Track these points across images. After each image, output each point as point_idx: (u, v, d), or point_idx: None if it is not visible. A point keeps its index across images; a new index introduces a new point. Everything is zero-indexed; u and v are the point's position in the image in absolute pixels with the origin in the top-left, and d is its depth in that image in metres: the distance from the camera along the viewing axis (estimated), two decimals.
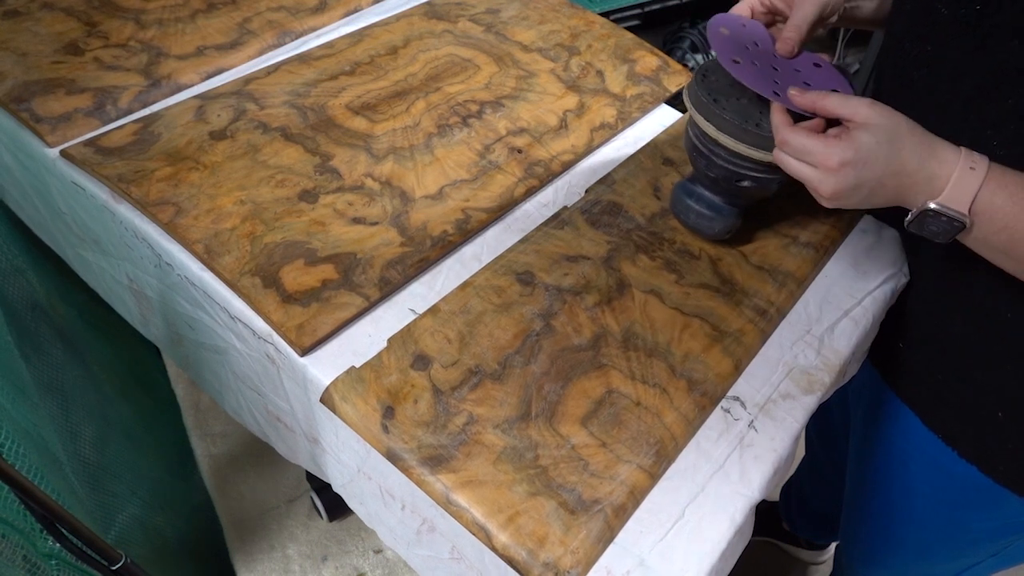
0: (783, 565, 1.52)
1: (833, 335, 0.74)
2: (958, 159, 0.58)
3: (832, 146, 0.59)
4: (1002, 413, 0.71)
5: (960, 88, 0.63)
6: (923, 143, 0.59)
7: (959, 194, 0.57)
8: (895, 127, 0.58)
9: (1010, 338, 0.68)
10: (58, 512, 0.56)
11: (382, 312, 0.71)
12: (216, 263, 0.71)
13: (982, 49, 0.60)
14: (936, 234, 0.60)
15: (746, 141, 0.67)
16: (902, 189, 0.59)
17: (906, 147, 0.58)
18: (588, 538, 0.56)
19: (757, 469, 0.62)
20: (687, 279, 0.75)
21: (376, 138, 0.86)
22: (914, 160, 0.58)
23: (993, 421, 0.72)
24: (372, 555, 1.35)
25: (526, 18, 1.11)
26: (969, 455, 0.75)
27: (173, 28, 0.98)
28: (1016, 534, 0.79)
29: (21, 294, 0.94)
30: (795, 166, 0.62)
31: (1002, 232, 0.57)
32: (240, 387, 0.80)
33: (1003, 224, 0.57)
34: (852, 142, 0.58)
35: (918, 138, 0.59)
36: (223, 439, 1.36)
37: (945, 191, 0.57)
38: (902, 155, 0.58)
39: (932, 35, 0.65)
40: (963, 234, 0.59)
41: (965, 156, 0.58)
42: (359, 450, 0.65)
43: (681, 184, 0.78)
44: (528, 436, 0.61)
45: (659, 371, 0.67)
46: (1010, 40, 0.58)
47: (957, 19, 0.61)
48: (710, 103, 0.68)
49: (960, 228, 0.58)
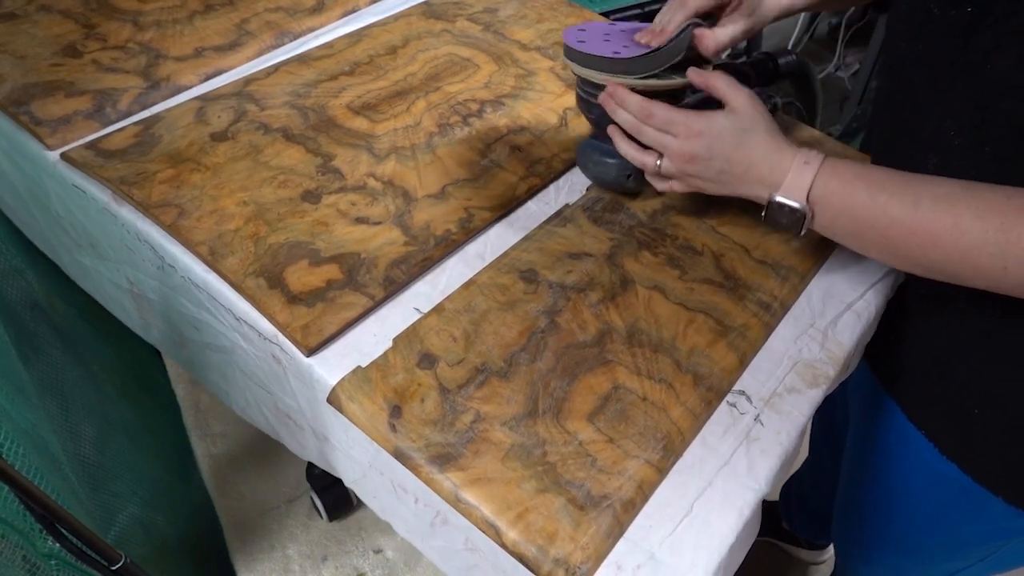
0: (783, 565, 1.53)
1: (836, 328, 0.74)
2: (795, 155, 0.64)
3: (692, 117, 0.67)
4: (979, 411, 0.71)
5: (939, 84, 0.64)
6: (771, 142, 0.66)
7: (796, 186, 0.63)
8: (753, 121, 0.66)
9: (988, 335, 0.69)
10: (58, 512, 0.56)
11: (387, 312, 0.71)
12: (220, 264, 0.71)
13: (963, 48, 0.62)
14: (788, 226, 0.65)
15: (612, 70, 0.72)
16: (747, 174, 0.66)
17: (756, 139, 0.66)
18: (598, 533, 0.56)
19: (764, 463, 0.62)
20: (690, 274, 0.75)
21: (377, 138, 0.86)
22: (759, 151, 0.66)
23: (971, 418, 0.72)
24: (372, 555, 1.35)
25: (524, 17, 1.11)
26: (951, 453, 0.76)
27: (171, 30, 0.98)
28: (1003, 539, 0.80)
29: (20, 294, 0.94)
30: (653, 135, 0.70)
31: (841, 215, 0.62)
32: (248, 385, 0.80)
33: (840, 207, 0.62)
34: (711, 118, 0.67)
35: (769, 137, 0.66)
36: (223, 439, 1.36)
37: (783, 184, 0.64)
38: (751, 144, 0.66)
39: (923, 35, 0.66)
40: (810, 223, 0.64)
41: (801, 153, 0.64)
42: (368, 447, 0.65)
43: (582, 142, 0.83)
44: (535, 433, 0.61)
45: (665, 366, 0.67)
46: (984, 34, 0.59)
47: (948, 19, 0.63)
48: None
49: (802, 217, 0.63)
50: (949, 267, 0.58)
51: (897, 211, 0.58)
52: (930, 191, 0.57)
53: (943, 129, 0.64)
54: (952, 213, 0.56)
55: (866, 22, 2.56)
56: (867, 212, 0.60)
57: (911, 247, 0.59)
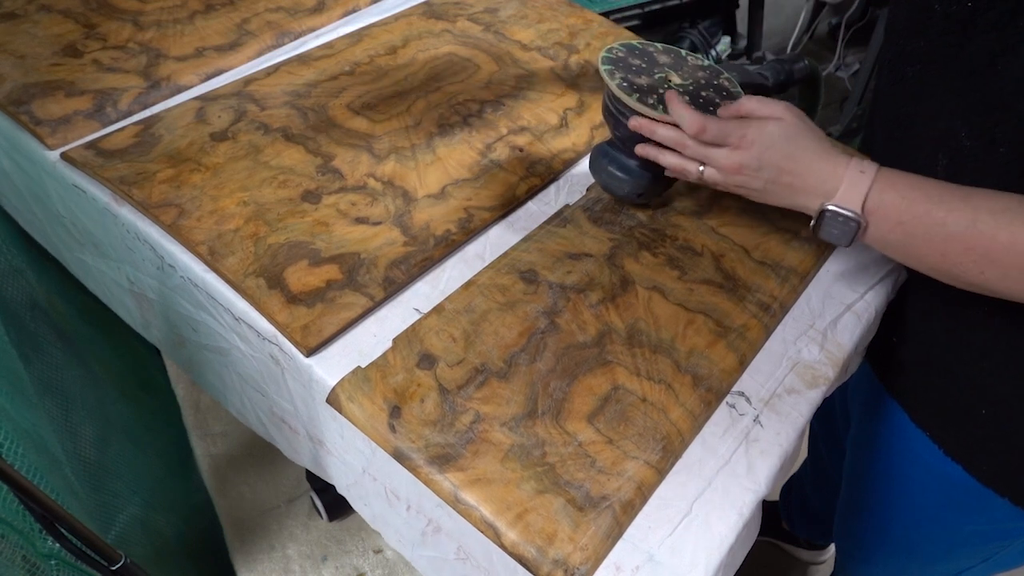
0: (783, 565, 1.53)
1: (836, 329, 0.74)
2: (848, 163, 0.62)
3: (744, 126, 0.66)
4: (984, 411, 0.71)
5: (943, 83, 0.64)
6: (819, 148, 0.64)
7: (852, 195, 0.62)
8: (799, 129, 0.65)
9: (991, 336, 0.69)
10: (58, 512, 0.56)
11: (387, 312, 0.71)
12: (220, 265, 0.71)
13: (966, 45, 0.62)
14: (838, 237, 0.64)
15: (647, 102, 0.72)
16: (796, 183, 0.65)
17: (803, 145, 0.64)
18: (597, 534, 0.56)
19: (763, 464, 0.62)
20: (690, 275, 0.75)
21: (377, 138, 0.86)
22: (807, 157, 0.64)
23: (975, 419, 0.72)
24: (372, 555, 1.35)
25: (524, 17, 1.11)
26: (954, 453, 0.76)
27: (171, 29, 0.98)
28: (1006, 539, 0.80)
29: (21, 294, 0.94)
30: (697, 150, 0.68)
31: (896, 228, 0.61)
32: (244, 388, 0.80)
33: (896, 220, 0.60)
34: (762, 125, 0.65)
35: (818, 143, 0.64)
36: (223, 439, 1.36)
37: (838, 192, 0.62)
38: (799, 151, 0.64)
39: (925, 31, 0.66)
40: (862, 235, 0.63)
41: (855, 162, 0.62)
42: (364, 451, 0.65)
43: (598, 146, 0.82)
44: (535, 434, 0.61)
45: (664, 367, 0.67)
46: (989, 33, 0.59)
47: (949, 15, 0.63)
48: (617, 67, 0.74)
49: (856, 228, 0.62)
50: (1005, 283, 0.57)
51: (954, 227, 0.57)
52: (988, 206, 0.56)
53: (953, 130, 0.64)
54: (1010, 230, 0.55)
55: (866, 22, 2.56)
56: (923, 227, 0.59)
57: (967, 263, 0.58)
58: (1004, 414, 0.70)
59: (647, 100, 0.71)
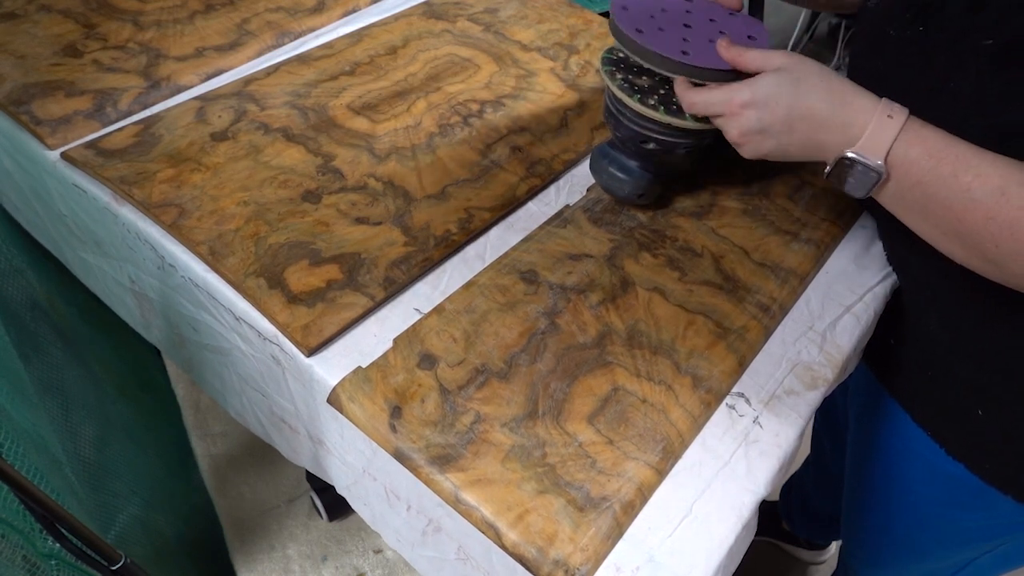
0: (783, 565, 1.53)
1: (835, 331, 0.74)
2: (876, 107, 0.57)
3: (733, 90, 0.61)
4: (982, 411, 0.71)
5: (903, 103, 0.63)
6: (835, 90, 0.58)
7: (875, 143, 0.57)
8: (802, 71, 0.59)
9: (987, 335, 0.69)
10: (58, 512, 0.56)
11: (387, 312, 0.71)
12: (220, 264, 0.71)
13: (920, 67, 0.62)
14: (854, 187, 0.59)
15: (648, 103, 0.71)
16: (814, 136, 0.59)
17: (814, 91, 0.58)
18: (597, 535, 0.56)
19: (763, 465, 0.62)
20: (690, 276, 0.75)
21: (377, 138, 0.86)
22: (824, 105, 0.58)
23: (976, 419, 0.72)
24: (372, 555, 1.35)
25: (524, 17, 1.11)
26: (957, 453, 0.76)
27: (171, 29, 0.98)
28: (1010, 533, 0.80)
29: (21, 294, 0.94)
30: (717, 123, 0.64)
31: (916, 188, 0.56)
32: (244, 388, 0.80)
33: (917, 179, 0.56)
34: (751, 84, 0.60)
35: (829, 84, 0.59)
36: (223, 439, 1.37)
37: (862, 139, 0.57)
38: (809, 99, 0.58)
39: (882, 54, 0.66)
40: (879, 188, 0.58)
41: (884, 104, 0.57)
42: (365, 451, 0.65)
43: (599, 146, 0.82)
44: (535, 434, 0.62)
45: (664, 368, 0.67)
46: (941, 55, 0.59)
47: (902, 39, 0.63)
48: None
49: (876, 179, 0.57)
50: (1017, 261, 0.54)
51: (979, 192, 0.53)
52: (1018, 178, 0.53)
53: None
54: None
55: None
56: (947, 190, 0.55)
57: (984, 235, 0.54)
58: (1005, 414, 0.70)
59: (648, 101, 0.71)
